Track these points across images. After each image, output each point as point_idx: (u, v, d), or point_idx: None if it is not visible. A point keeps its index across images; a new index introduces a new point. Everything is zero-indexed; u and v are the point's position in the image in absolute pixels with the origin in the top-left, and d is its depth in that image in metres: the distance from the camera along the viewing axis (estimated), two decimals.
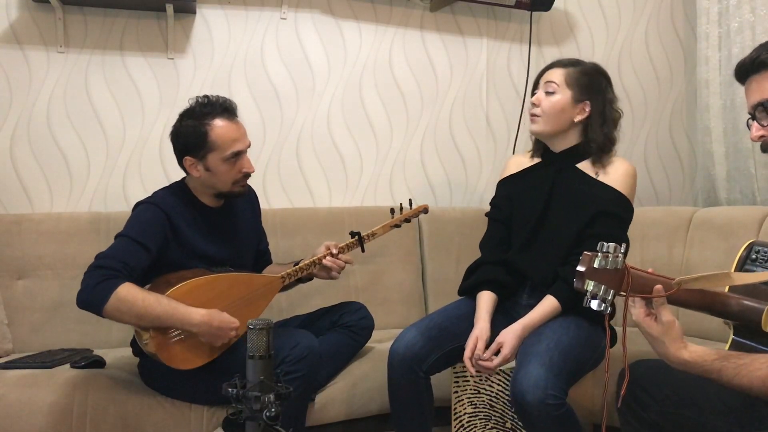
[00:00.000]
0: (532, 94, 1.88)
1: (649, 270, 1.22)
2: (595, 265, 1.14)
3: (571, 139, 1.84)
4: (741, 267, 1.41)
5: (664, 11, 3.17)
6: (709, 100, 2.85)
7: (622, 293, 1.18)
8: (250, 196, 2.10)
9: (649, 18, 3.15)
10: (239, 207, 2.02)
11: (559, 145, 1.85)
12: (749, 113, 1.31)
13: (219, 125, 1.83)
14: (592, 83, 1.82)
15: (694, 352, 1.17)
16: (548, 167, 1.87)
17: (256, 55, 2.67)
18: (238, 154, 1.86)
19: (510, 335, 1.68)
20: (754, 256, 1.40)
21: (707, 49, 2.85)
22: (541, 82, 1.85)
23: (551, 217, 1.81)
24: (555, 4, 2.88)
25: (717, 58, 2.83)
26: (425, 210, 2.28)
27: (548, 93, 1.80)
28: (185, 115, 1.86)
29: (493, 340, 1.71)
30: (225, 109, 1.85)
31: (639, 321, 1.20)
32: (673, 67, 3.19)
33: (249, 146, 1.90)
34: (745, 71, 1.29)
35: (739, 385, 1.12)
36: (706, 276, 1.20)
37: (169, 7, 2.45)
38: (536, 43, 2.99)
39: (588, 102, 1.80)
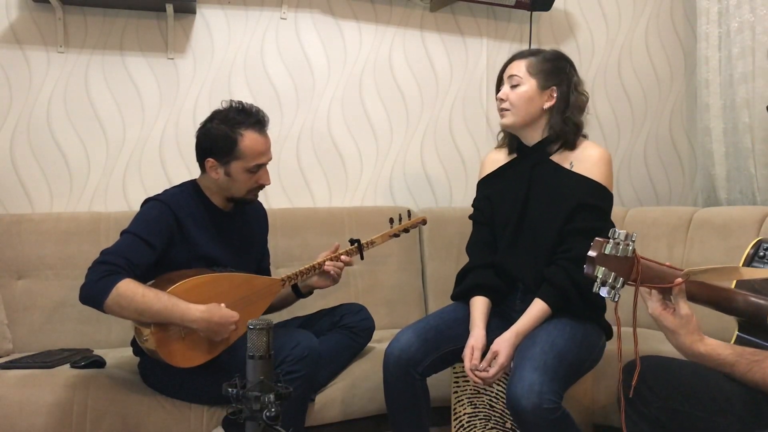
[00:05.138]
0: (497, 91, 1.86)
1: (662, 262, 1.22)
2: (606, 252, 1.13)
3: (543, 129, 1.82)
4: (748, 265, 1.41)
5: (664, 11, 3.17)
6: (709, 100, 2.85)
7: (631, 282, 1.17)
8: (260, 212, 2.12)
9: (649, 18, 3.15)
10: (249, 215, 2.03)
11: (531, 137, 1.83)
12: None
13: (250, 136, 1.84)
14: (555, 68, 1.80)
15: (709, 345, 1.18)
16: (523, 163, 1.85)
17: (256, 55, 2.67)
18: (261, 166, 1.88)
19: (504, 344, 1.66)
20: (762, 254, 1.40)
21: (707, 49, 2.86)
22: (504, 77, 1.83)
23: (531, 216, 1.80)
24: (555, 4, 2.88)
25: (717, 58, 2.83)
26: (423, 221, 2.29)
27: (513, 86, 1.79)
28: (217, 117, 1.86)
29: (490, 345, 1.70)
30: (258, 120, 1.87)
31: (655, 314, 1.20)
32: (673, 67, 3.19)
33: (270, 160, 1.91)
34: None
35: (753, 380, 1.14)
36: (716, 269, 1.20)
37: (169, 7, 2.45)
38: (536, 43, 2.98)
39: (554, 87, 1.79)
